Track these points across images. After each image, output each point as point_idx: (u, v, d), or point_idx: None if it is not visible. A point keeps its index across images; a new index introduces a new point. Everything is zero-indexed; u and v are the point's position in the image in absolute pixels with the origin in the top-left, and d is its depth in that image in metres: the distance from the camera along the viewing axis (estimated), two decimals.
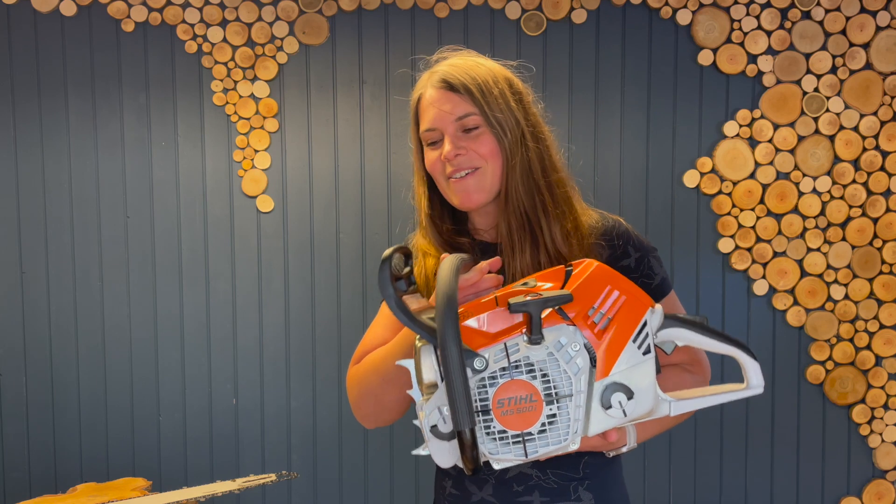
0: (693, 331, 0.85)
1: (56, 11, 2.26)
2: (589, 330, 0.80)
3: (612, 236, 1.11)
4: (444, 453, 0.81)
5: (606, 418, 0.80)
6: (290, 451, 2.36)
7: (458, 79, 1.05)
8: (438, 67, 1.09)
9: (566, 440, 0.79)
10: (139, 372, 2.33)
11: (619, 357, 0.80)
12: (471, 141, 1.04)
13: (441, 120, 1.05)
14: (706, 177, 2.31)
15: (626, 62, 2.31)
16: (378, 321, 1.14)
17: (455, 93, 1.05)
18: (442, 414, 0.79)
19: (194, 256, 2.33)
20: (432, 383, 0.80)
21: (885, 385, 2.36)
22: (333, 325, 2.35)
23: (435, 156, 1.07)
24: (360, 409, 1.08)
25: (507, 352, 0.78)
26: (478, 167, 1.05)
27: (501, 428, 0.77)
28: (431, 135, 1.07)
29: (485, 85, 1.05)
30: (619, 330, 0.80)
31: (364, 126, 2.32)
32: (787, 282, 2.34)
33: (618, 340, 0.80)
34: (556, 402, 0.78)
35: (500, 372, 0.77)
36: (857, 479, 2.39)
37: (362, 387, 1.05)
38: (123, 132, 2.30)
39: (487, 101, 1.04)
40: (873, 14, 2.27)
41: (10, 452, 2.34)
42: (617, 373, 0.80)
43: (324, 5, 2.27)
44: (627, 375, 0.80)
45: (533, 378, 0.77)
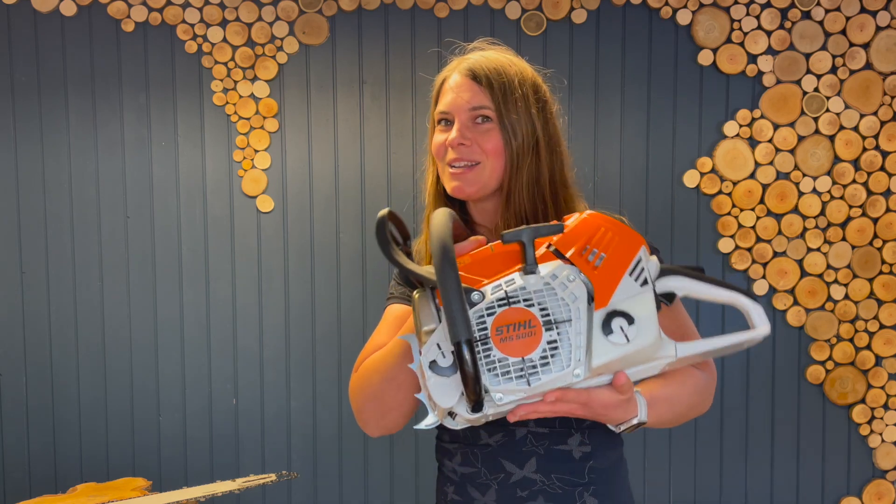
0: (691, 278, 0.86)
1: (56, 11, 2.26)
2: (583, 264, 0.81)
3: None
4: (446, 388, 0.79)
5: (609, 345, 0.79)
6: (290, 451, 2.36)
7: (483, 71, 1.06)
8: (470, 56, 1.10)
9: (569, 367, 0.78)
10: (139, 372, 2.33)
11: (616, 287, 0.81)
12: (479, 134, 1.05)
13: (456, 106, 1.06)
14: (706, 177, 2.31)
15: (626, 62, 2.31)
16: (381, 327, 1.13)
17: (477, 83, 1.05)
18: (441, 349, 0.79)
19: (194, 256, 2.32)
20: (431, 329, 0.80)
21: (885, 385, 2.36)
22: (333, 326, 2.35)
23: (441, 138, 1.08)
24: (362, 414, 1.05)
25: (503, 286, 0.79)
26: (478, 162, 1.05)
27: (502, 356, 0.77)
28: (444, 116, 1.08)
29: (509, 84, 1.05)
30: (613, 263, 0.82)
31: (364, 126, 2.32)
32: (787, 282, 2.34)
33: (613, 272, 0.81)
34: (556, 327, 0.78)
35: (498, 302, 0.78)
36: (857, 479, 2.39)
37: (364, 390, 1.03)
38: (123, 132, 2.30)
39: (506, 99, 1.04)
40: (873, 14, 2.27)
41: (10, 453, 2.34)
42: (616, 302, 0.80)
43: (324, 5, 2.27)
44: (627, 304, 0.81)
45: (530, 305, 0.78)
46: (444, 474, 1.14)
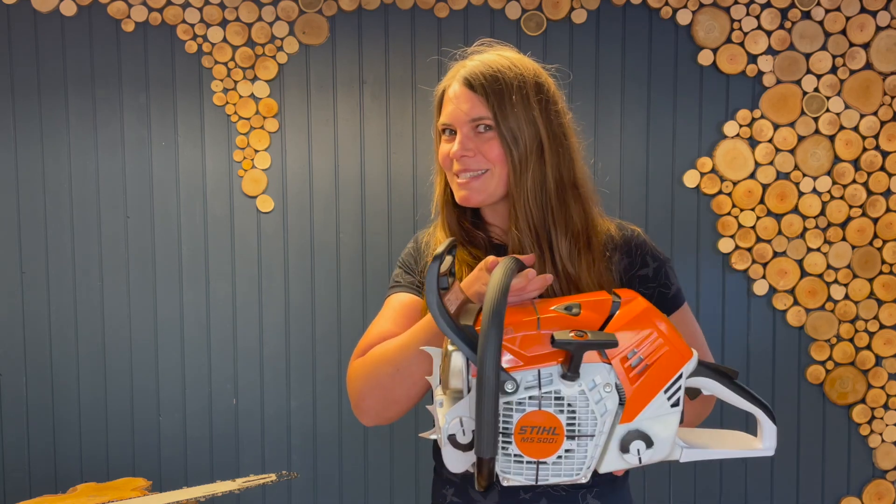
0: (723, 384, 0.84)
1: (56, 11, 2.26)
2: (624, 371, 0.79)
3: (630, 246, 1.10)
4: (458, 461, 0.80)
5: (620, 461, 0.80)
6: (290, 451, 2.36)
7: (479, 80, 1.05)
8: (468, 62, 1.08)
9: (578, 475, 0.79)
10: (139, 372, 2.33)
11: (647, 405, 0.79)
12: (481, 143, 1.04)
13: (456, 117, 1.06)
14: (706, 177, 2.31)
15: (626, 62, 2.31)
16: (385, 314, 1.11)
17: (474, 92, 1.05)
18: (463, 426, 0.79)
19: (194, 256, 2.32)
20: (458, 390, 0.80)
21: (885, 385, 2.36)
22: (333, 325, 2.35)
23: (446, 149, 1.08)
24: (363, 401, 1.03)
25: (539, 380, 0.77)
26: (485, 169, 1.05)
27: (518, 452, 0.77)
28: (447, 128, 1.09)
29: (507, 90, 1.04)
30: (653, 377, 0.79)
31: (364, 126, 2.32)
32: (787, 282, 2.34)
33: (650, 387, 0.79)
34: (577, 438, 0.77)
35: (529, 400, 0.77)
36: (857, 479, 2.39)
37: (370, 378, 1.01)
38: (123, 132, 2.30)
39: (503, 108, 1.03)
40: (873, 14, 2.27)
41: (10, 452, 2.34)
42: (642, 420, 0.79)
43: (324, 5, 2.27)
44: (651, 424, 0.80)
45: (560, 412, 0.77)
46: (442, 476, 1.13)
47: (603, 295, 0.86)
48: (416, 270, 1.15)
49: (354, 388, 1.04)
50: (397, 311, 1.10)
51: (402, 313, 1.09)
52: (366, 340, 1.09)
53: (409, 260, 1.17)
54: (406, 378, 0.97)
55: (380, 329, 1.08)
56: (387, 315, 1.11)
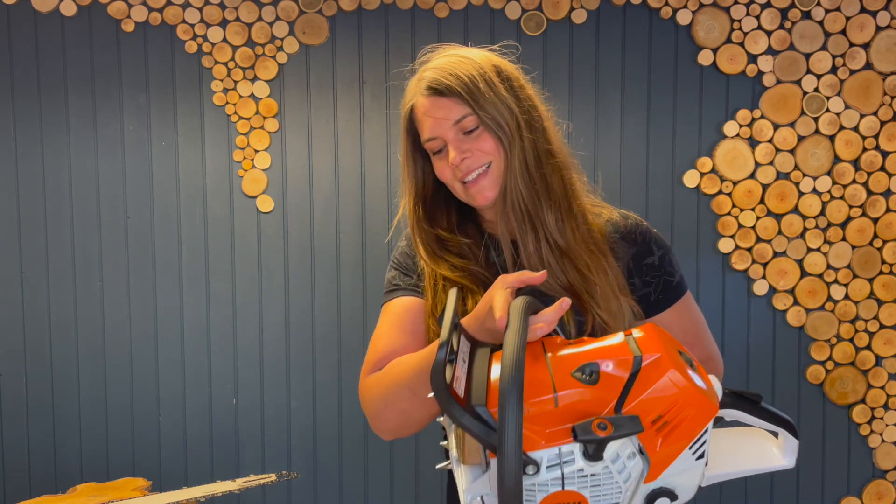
0: (746, 412, 0.82)
1: (56, 11, 2.26)
2: (649, 438, 0.75)
3: (635, 234, 1.12)
4: None
5: None
6: (290, 451, 2.36)
7: (443, 82, 1.03)
8: (424, 73, 1.06)
9: None
10: (139, 372, 2.33)
11: (672, 463, 0.76)
12: (473, 141, 1.03)
13: (439, 128, 1.04)
14: (706, 177, 2.31)
15: (626, 62, 2.31)
16: (390, 322, 1.08)
17: (445, 97, 1.03)
18: (483, 502, 0.76)
19: (194, 256, 2.32)
20: (476, 464, 0.77)
21: (885, 385, 2.36)
22: (333, 325, 2.35)
23: (443, 164, 1.06)
24: (382, 422, 1.01)
25: (560, 461, 0.73)
26: (488, 163, 1.04)
27: None
28: (434, 144, 1.05)
29: (471, 82, 1.02)
30: (678, 437, 0.76)
31: (364, 126, 2.32)
32: (787, 282, 2.33)
33: (675, 447, 0.76)
34: None
35: (552, 481, 0.73)
36: (857, 479, 2.39)
37: (387, 400, 0.99)
38: (123, 132, 2.30)
39: (477, 99, 1.02)
40: (873, 14, 2.26)
41: (10, 452, 2.34)
42: (666, 477, 0.76)
43: (324, 5, 2.27)
44: (675, 480, 0.77)
45: (584, 487, 0.74)
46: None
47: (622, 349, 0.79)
48: (414, 270, 1.13)
49: (371, 407, 1.02)
50: (402, 317, 1.07)
51: (407, 319, 1.07)
52: (375, 354, 1.06)
53: (405, 260, 1.15)
54: (424, 401, 0.95)
55: (388, 341, 1.05)
56: (392, 323, 1.08)
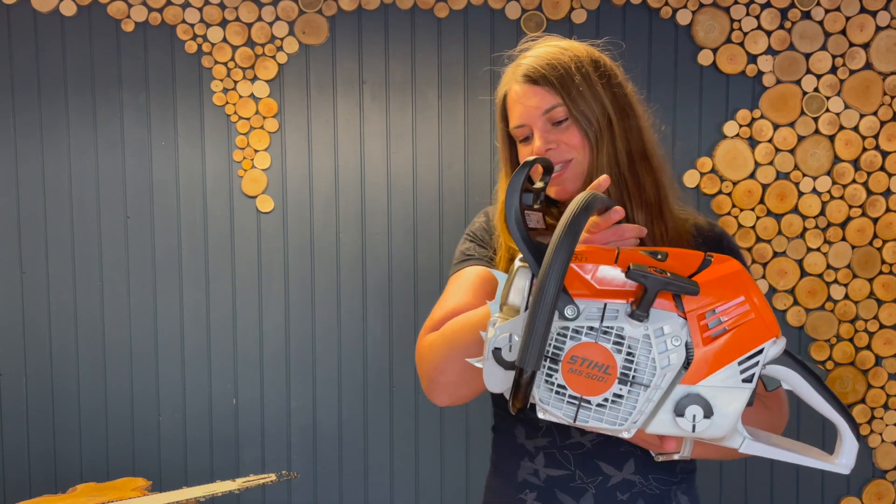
0: (808, 381, 0.78)
1: (56, 11, 2.26)
2: (699, 330, 0.71)
3: (720, 243, 1.11)
4: (497, 379, 0.73)
5: (672, 425, 0.72)
6: (290, 451, 2.36)
7: (539, 71, 1.04)
8: (522, 61, 1.07)
9: (622, 426, 0.72)
10: (139, 372, 2.33)
11: (716, 371, 0.72)
12: (560, 133, 1.03)
13: (528, 115, 1.04)
14: (706, 177, 2.31)
15: (626, 62, 2.30)
16: (460, 287, 1.04)
17: (538, 86, 1.04)
18: (511, 342, 0.72)
19: (194, 256, 2.33)
20: (515, 308, 0.74)
21: (885, 385, 2.36)
22: (333, 325, 2.35)
23: (528, 152, 1.06)
24: (442, 375, 0.95)
25: (603, 313, 0.70)
26: (570, 159, 1.04)
27: (562, 383, 0.70)
28: (522, 131, 1.06)
29: (567, 74, 1.03)
30: (730, 345, 0.72)
31: (364, 126, 2.32)
32: (786, 282, 2.34)
33: (724, 355, 0.72)
34: (630, 385, 0.70)
35: (588, 330, 0.70)
36: (857, 479, 2.39)
37: (452, 348, 0.94)
38: (123, 132, 2.30)
39: (570, 91, 1.03)
40: (873, 14, 2.27)
41: (10, 453, 2.34)
42: (706, 386, 0.72)
43: (324, 5, 2.27)
44: (715, 393, 0.72)
45: (618, 351, 0.70)
46: (517, 478, 1.05)
47: (693, 252, 0.78)
48: (490, 244, 1.11)
49: (430, 360, 0.97)
50: (474, 283, 1.03)
51: (479, 285, 1.02)
52: (439, 314, 1.01)
53: (483, 234, 1.13)
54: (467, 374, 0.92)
55: (456, 301, 1.01)
56: (462, 287, 1.03)
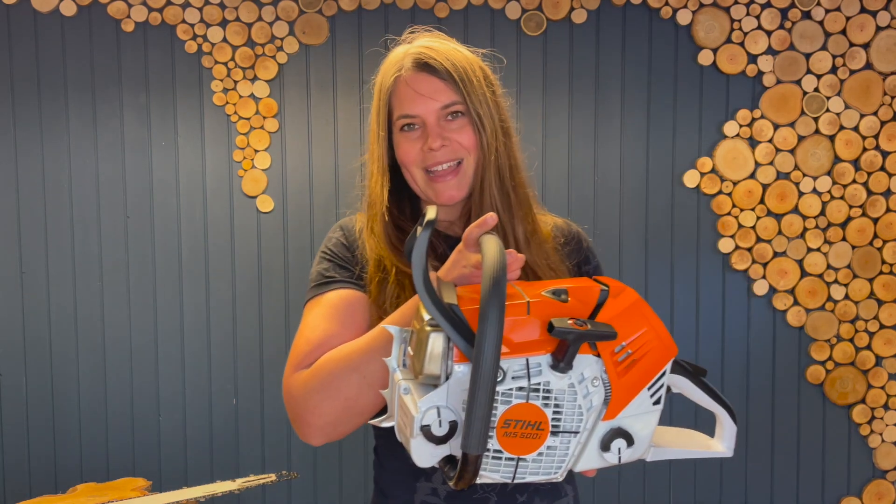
0: (693, 382, 0.82)
1: (56, 11, 2.26)
2: (612, 366, 0.74)
3: (578, 241, 1.10)
4: (427, 455, 0.73)
5: (599, 459, 0.76)
6: (290, 451, 2.36)
7: (440, 63, 0.96)
8: (416, 49, 0.99)
9: (556, 473, 0.74)
10: (139, 372, 2.33)
11: (631, 401, 0.75)
12: (454, 132, 0.98)
13: (423, 106, 0.97)
14: (706, 177, 2.31)
15: (626, 62, 2.31)
16: (324, 314, 0.97)
17: (438, 77, 0.96)
18: (440, 416, 0.72)
19: (194, 256, 2.32)
20: (433, 375, 0.72)
21: (885, 385, 2.36)
22: None
23: (412, 145, 0.99)
24: (315, 416, 0.89)
25: (528, 371, 0.71)
26: (461, 159, 0.98)
27: (498, 447, 0.71)
28: (409, 121, 0.98)
29: (465, 73, 0.97)
30: (639, 373, 0.75)
31: (364, 126, 2.32)
32: (787, 282, 2.33)
33: (635, 384, 0.75)
34: (560, 434, 0.73)
35: (517, 391, 0.71)
36: (857, 479, 2.39)
37: (328, 386, 0.88)
38: (123, 132, 2.30)
39: (468, 90, 0.96)
40: (873, 14, 2.26)
41: (10, 452, 2.34)
42: (624, 417, 0.75)
43: (324, 5, 2.27)
44: (632, 422, 0.76)
45: (546, 406, 0.72)
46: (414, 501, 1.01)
47: (588, 282, 0.81)
48: (351, 262, 1.03)
49: (304, 402, 0.90)
50: (339, 309, 0.96)
51: (345, 311, 0.96)
52: (307, 346, 0.94)
53: (341, 251, 1.05)
54: (373, 385, 0.87)
55: (323, 332, 0.94)
56: (325, 315, 0.96)
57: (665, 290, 2.34)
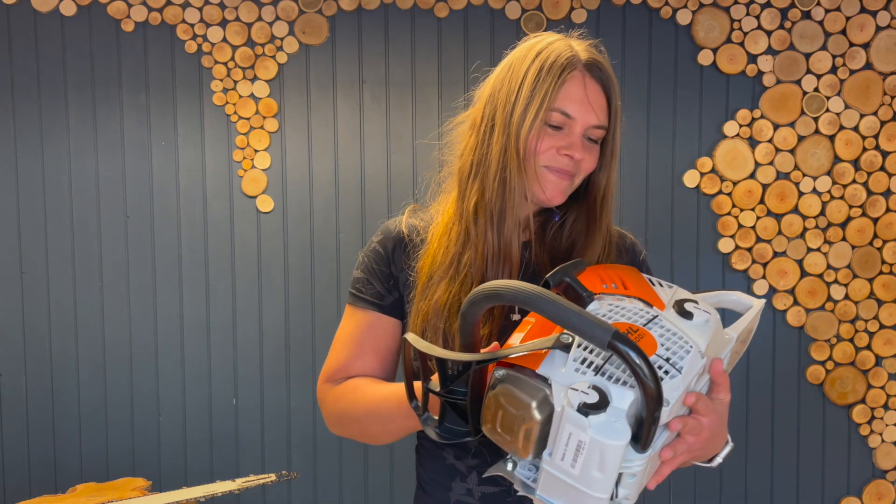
0: None
1: (56, 11, 2.26)
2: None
3: (633, 252, 1.10)
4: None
5: (699, 328, 0.79)
6: (290, 451, 2.36)
7: (610, 83, 0.96)
8: (583, 45, 0.97)
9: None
10: (139, 372, 2.33)
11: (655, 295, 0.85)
12: (587, 151, 0.96)
13: (584, 117, 0.94)
14: (706, 177, 2.31)
15: (626, 62, 2.31)
16: (352, 333, 1.06)
17: (603, 94, 0.96)
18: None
19: (194, 256, 2.32)
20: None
21: (885, 385, 2.36)
22: (333, 325, 2.34)
23: (553, 143, 0.94)
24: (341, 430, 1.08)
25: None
26: (575, 174, 0.98)
27: None
28: (562, 119, 0.94)
29: (618, 98, 0.98)
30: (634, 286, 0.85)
31: (364, 126, 2.32)
32: (787, 282, 2.33)
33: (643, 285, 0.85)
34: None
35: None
36: (857, 479, 2.39)
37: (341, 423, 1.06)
38: (123, 132, 2.30)
39: (613, 123, 0.98)
40: (873, 14, 2.26)
41: (10, 452, 2.34)
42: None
43: (324, 5, 2.27)
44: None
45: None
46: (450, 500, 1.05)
47: None
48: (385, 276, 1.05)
49: (327, 415, 1.08)
50: (363, 333, 1.05)
51: (368, 336, 1.05)
52: (335, 363, 1.07)
53: (377, 262, 1.06)
54: (372, 438, 1.04)
55: (347, 355, 1.06)
56: (352, 336, 1.06)
57: None
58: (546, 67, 0.93)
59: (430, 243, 1.02)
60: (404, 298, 1.04)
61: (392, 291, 1.04)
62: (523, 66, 0.94)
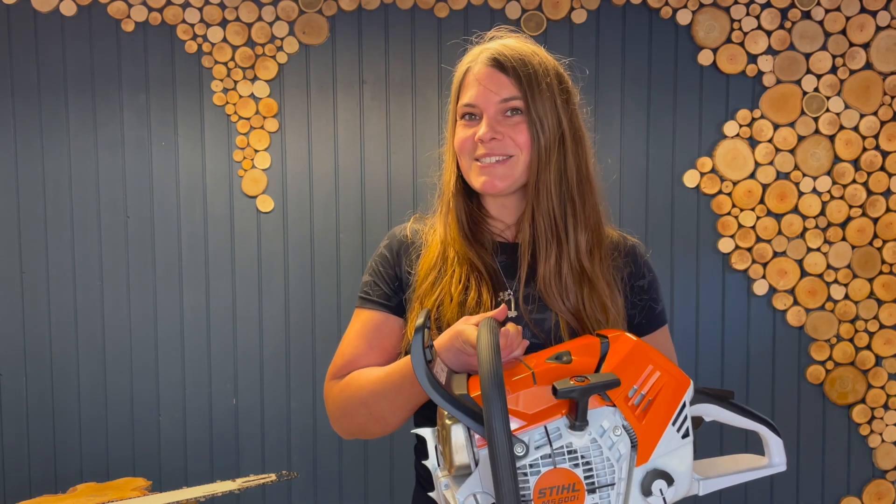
0: (722, 407, 0.84)
1: (56, 11, 2.26)
2: (629, 411, 0.76)
3: (635, 254, 1.11)
4: None
5: None
6: (290, 451, 2.36)
7: (509, 61, 1.01)
8: (492, 45, 1.05)
9: None
10: (139, 372, 2.33)
11: (659, 440, 0.77)
12: (509, 127, 1.02)
13: (484, 98, 1.02)
14: (706, 177, 2.31)
15: (626, 62, 2.31)
16: (358, 331, 1.10)
17: (504, 74, 1.02)
18: (478, 501, 0.74)
19: (194, 256, 2.32)
20: (464, 465, 0.75)
21: (885, 385, 2.36)
22: (333, 325, 2.35)
23: (467, 134, 1.04)
24: (340, 427, 1.07)
25: (548, 437, 0.74)
26: (511, 155, 1.02)
27: None
28: (469, 110, 1.04)
29: (534, 75, 1.02)
30: (658, 411, 0.77)
31: (364, 126, 2.32)
32: (787, 282, 2.34)
33: (658, 423, 0.77)
34: (598, 490, 0.74)
35: (542, 459, 0.73)
36: (857, 479, 2.39)
37: (346, 412, 1.04)
38: (123, 132, 2.30)
39: (533, 90, 1.01)
40: (873, 14, 2.27)
41: (10, 452, 2.34)
42: (657, 458, 0.77)
43: (324, 5, 2.27)
44: (667, 460, 0.77)
45: (575, 466, 0.73)
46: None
47: (588, 339, 0.84)
48: (392, 278, 1.11)
49: (330, 411, 1.08)
50: (369, 330, 1.09)
51: (373, 333, 1.08)
52: (341, 360, 1.09)
53: (384, 266, 1.14)
54: (379, 419, 1.01)
55: (353, 350, 1.08)
56: (359, 333, 1.09)
57: (665, 290, 2.34)
58: (457, 78, 1.08)
59: (428, 245, 1.11)
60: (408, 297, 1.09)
61: (398, 293, 1.10)
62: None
